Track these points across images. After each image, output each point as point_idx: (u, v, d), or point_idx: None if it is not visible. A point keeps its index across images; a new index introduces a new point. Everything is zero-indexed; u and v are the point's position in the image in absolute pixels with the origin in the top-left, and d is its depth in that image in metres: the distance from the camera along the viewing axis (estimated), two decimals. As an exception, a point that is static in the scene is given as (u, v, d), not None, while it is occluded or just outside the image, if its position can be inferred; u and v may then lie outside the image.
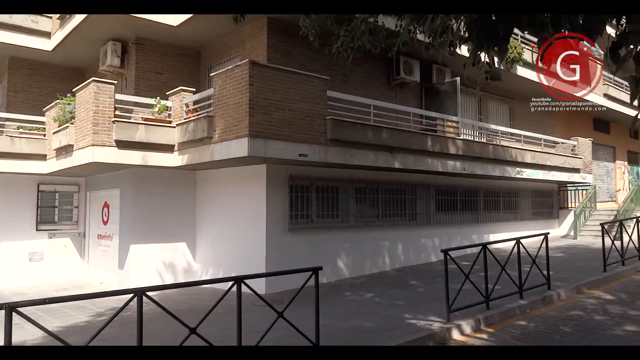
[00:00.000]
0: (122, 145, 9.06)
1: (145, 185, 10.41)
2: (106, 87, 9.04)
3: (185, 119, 9.52)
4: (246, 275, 4.55)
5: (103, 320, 3.63)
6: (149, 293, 3.90)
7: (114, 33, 11.52)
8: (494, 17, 3.45)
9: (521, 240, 7.72)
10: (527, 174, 13.93)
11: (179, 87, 9.94)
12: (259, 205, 9.45)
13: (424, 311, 7.02)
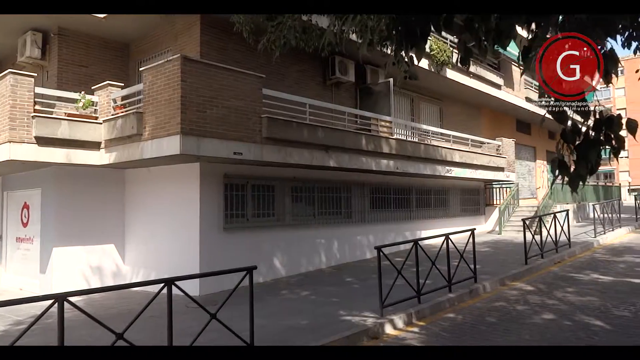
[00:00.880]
0: (43, 142, 8.51)
1: (69, 184, 9.83)
2: (25, 80, 8.47)
3: (112, 115, 9.10)
4: (177, 276, 4.42)
5: (22, 329, 3.39)
6: (72, 298, 3.67)
7: (33, 22, 10.76)
8: (413, 18, 3.54)
9: (450, 236, 8.07)
10: (456, 173, 14.54)
11: (105, 82, 9.48)
12: (193, 204, 9.22)
13: (359, 307, 7.16)
